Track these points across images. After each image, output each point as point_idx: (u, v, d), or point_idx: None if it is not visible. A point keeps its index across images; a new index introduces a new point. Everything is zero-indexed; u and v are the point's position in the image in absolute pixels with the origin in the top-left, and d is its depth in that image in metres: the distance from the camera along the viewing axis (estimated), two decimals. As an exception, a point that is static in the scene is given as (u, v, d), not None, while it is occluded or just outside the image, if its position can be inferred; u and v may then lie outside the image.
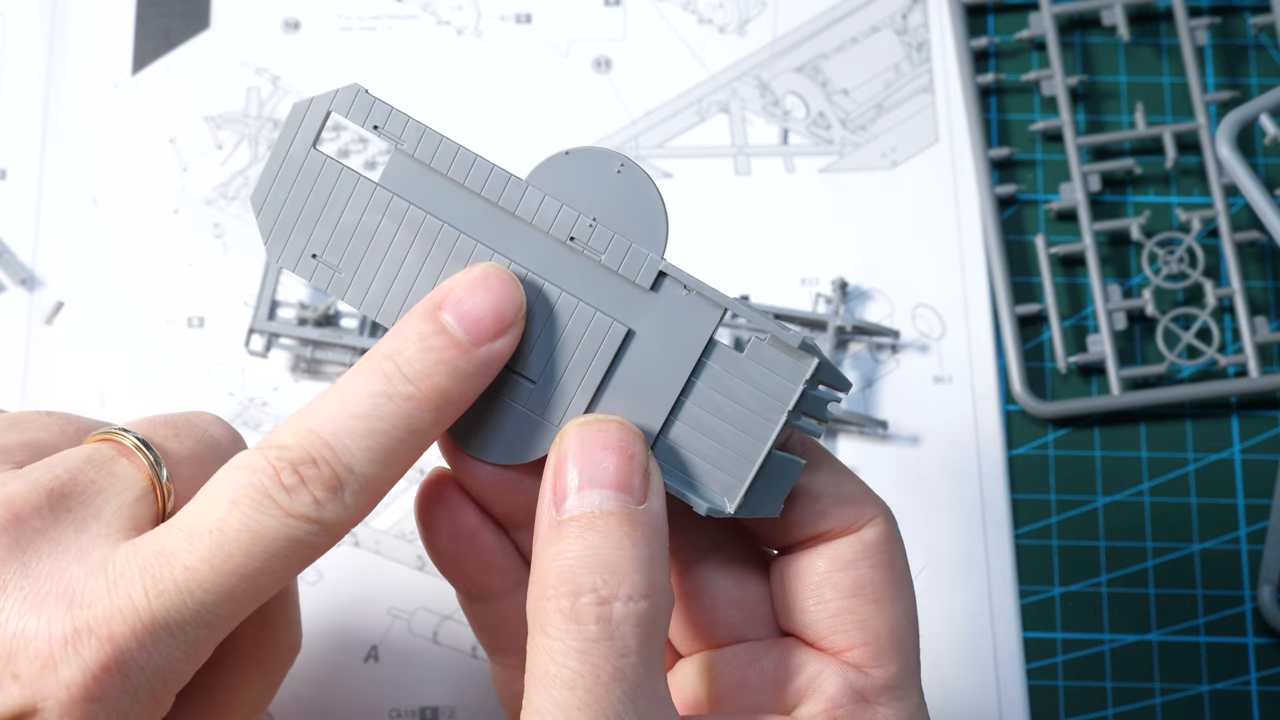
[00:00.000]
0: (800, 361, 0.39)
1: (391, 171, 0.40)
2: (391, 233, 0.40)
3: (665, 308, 0.40)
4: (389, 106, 0.40)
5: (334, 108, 0.40)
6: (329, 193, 0.40)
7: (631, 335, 0.40)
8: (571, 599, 0.37)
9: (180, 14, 0.66)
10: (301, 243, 0.40)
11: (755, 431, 0.40)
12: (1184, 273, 0.63)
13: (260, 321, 0.61)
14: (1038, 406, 0.62)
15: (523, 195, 0.39)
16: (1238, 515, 0.61)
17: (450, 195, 0.40)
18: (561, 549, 0.38)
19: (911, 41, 0.66)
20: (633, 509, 0.38)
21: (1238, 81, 0.66)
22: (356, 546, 0.60)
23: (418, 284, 0.40)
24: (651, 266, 0.39)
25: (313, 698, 0.59)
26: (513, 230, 0.40)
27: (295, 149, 0.40)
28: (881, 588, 0.41)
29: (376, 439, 0.38)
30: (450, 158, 0.40)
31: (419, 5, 0.67)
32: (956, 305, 0.63)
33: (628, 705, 0.37)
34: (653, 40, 0.67)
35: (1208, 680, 0.59)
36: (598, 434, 0.39)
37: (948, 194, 0.65)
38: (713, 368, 0.40)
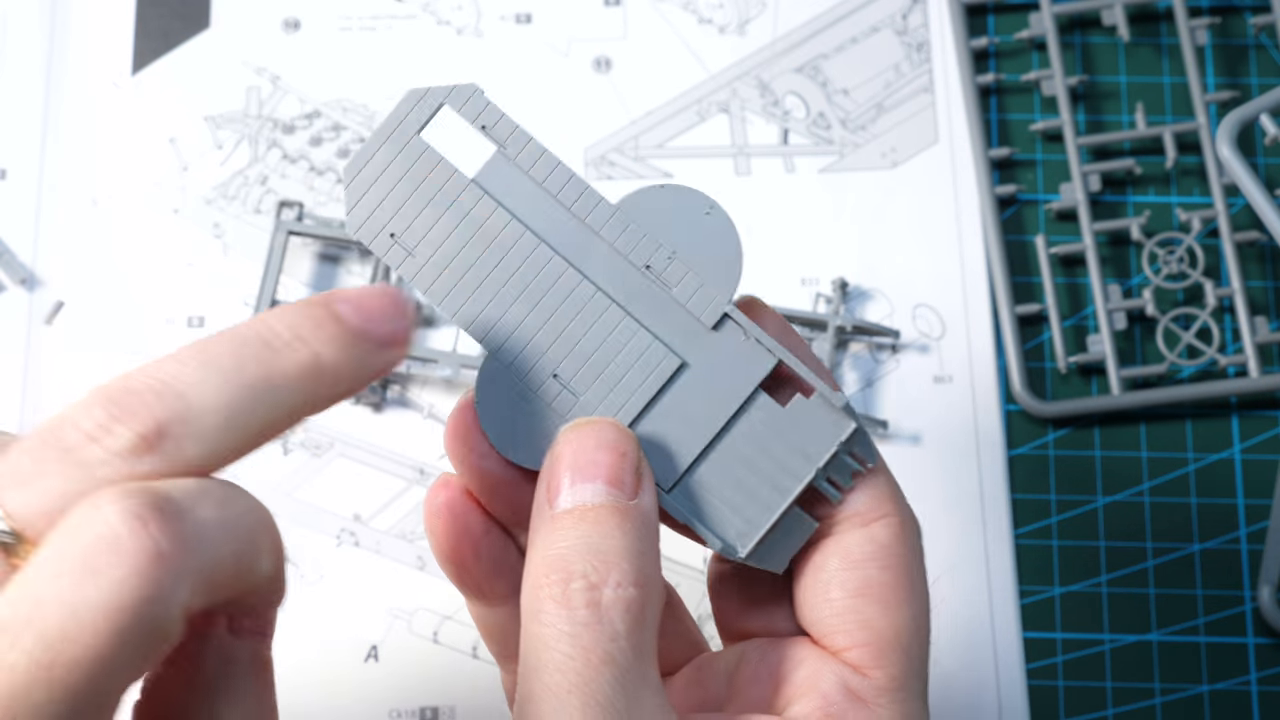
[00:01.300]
0: (838, 423, 0.40)
1: (488, 172, 0.41)
2: (473, 229, 0.41)
3: (721, 348, 0.41)
4: (500, 111, 0.41)
5: (449, 101, 0.41)
6: (422, 179, 0.41)
7: (683, 368, 0.41)
8: (562, 585, 0.38)
9: (180, 14, 0.66)
10: (383, 220, 0.41)
11: (779, 484, 0.41)
12: (1184, 273, 0.63)
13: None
14: (1038, 406, 0.62)
15: (610, 218, 0.40)
16: (1238, 515, 0.61)
17: (539, 205, 0.41)
18: (553, 540, 0.38)
19: (911, 41, 0.67)
20: (624, 503, 0.39)
21: (1238, 81, 0.66)
22: (357, 546, 0.60)
23: (486, 283, 0.41)
24: (718, 308, 0.40)
25: (313, 698, 0.59)
26: (592, 248, 0.41)
27: (401, 131, 0.41)
28: (889, 589, 0.41)
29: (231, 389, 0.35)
30: (549, 170, 0.41)
31: (419, 5, 0.67)
32: (956, 305, 0.63)
33: (617, 689, 0.37)
34: (653, 40, 0.67)
35: (1208, 680, 0.59)
36: (590, 433, 0.40)
37: (948, 194, 0.65)
38: (753, 415, 0.41)
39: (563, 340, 0.41)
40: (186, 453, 0.34)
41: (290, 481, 0.61)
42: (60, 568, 0.32)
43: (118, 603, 0.31)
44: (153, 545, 0.32)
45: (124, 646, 0.32)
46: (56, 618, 0.31)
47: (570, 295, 0.40)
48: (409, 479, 0.61)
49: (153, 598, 0.32)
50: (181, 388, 0.34)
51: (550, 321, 0.41)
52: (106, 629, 0.31)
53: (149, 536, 0.32)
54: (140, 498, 0.32)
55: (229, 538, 0.34)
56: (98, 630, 0.31)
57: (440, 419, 0.62)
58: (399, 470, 0.61)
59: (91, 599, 0.31)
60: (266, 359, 0.35)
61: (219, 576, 0.34)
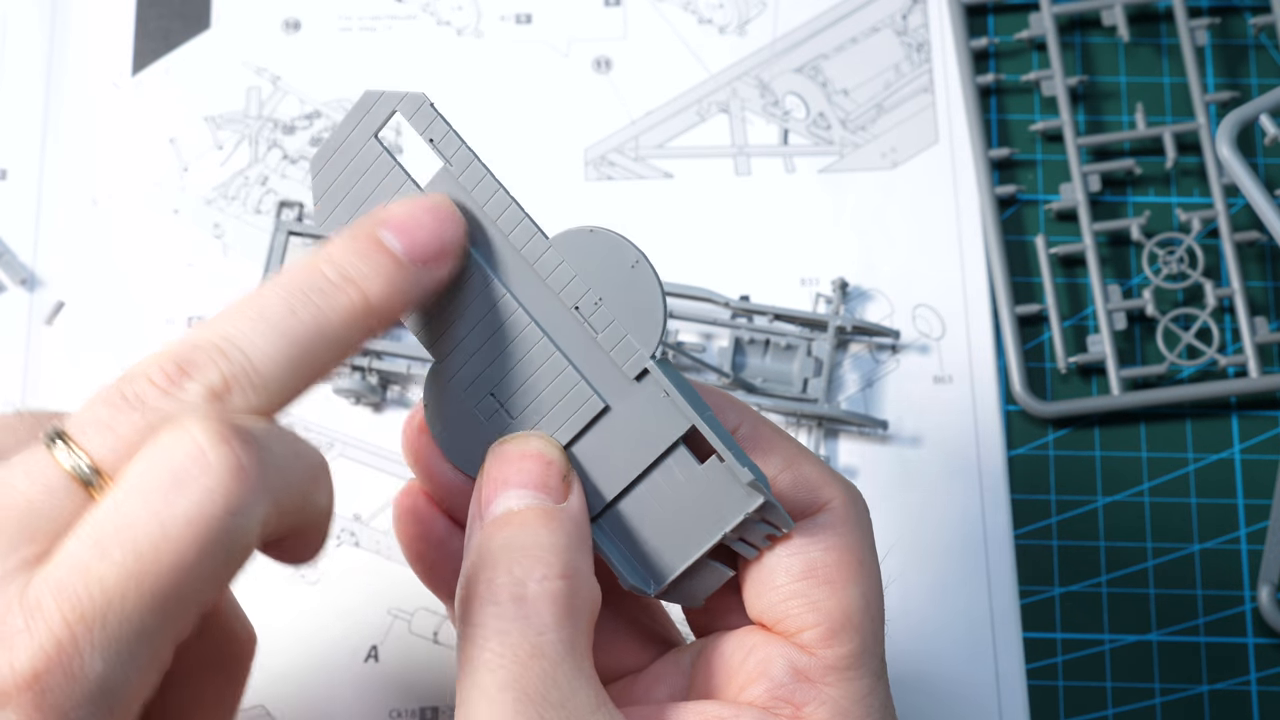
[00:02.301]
0: (748, 496, 0.40)
1: (436, 185, 0.41)
2: None
3: (642, 400, 0.41)
4: (447, 126, 0.41)
5: (399, 109, 0.41)
6: (378, 182, 0.41)
7: (607, 411, 0.41)
8: (488, 583, 0.38)
9: (180, 14, 0.66)
10: (345, 215, 0.41)
11: (693, 537, 0.41)
12: (1184, 273, 0.63)
13: None
14: (1038, 406, 0.62)
15: (544, 253, 0.40)
16: (1238, 515, 0.61)
17: (480, 227, 0.41)
18: (481, 545, 0.39)
19: (911, 42, 0.67)
20: (550, 506, 0.40)
21: (1238, 81, 0.66)
22: (357, 546, 0.60)
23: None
24: (639, 362, 0.40)
25: (313, 698, 0.59)
26: (526, 279, 0.41)
27: (357, 133, 0.41)
28: (834, 570, 0.41)
29: (286, 341, 0.37)
30: (489, 195, 0.41)
31: (419, 5, 0.67)
32: (956, 305, 0.63)
33: (549, 683, 0.37)
34: (653, 40, 0.67)
35: (1208, 680, 0.59)
36: (515, 446, 0.41)
37: (948, 194, 0.65)
38: (670, 467, 0.41)
39: (499, 362, 0.41)
40: (251, 402, 0.36)
41: (290, 481, 0.61)
42: (148, 484, 0.34)
43: (203, 514, 0.34)
44: (235, 461, 0.34)
45: (207, 558, 0.34)
46: (145, 529, 0.33)
47: (507, 321, 0.41)
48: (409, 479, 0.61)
49: (235, 509, 0.34)
50: (242, 343, 0.36)
51: (489, 342, 0.41)
52: (192, 540, 0.33)
53: (232, 453, 0.34)
54: (223, 421, 0.34)
55: (297, 468, 0.36)
56: (184, 541, 0.33)
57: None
58: (399, 470, 0.61)
59: (178, 511, 0.33)
60: (316, 305, 0.37)
61: (287, 502, 0.36)
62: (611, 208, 0.64)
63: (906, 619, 0.59)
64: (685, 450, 0.41)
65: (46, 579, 0.33)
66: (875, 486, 0.61)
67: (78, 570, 0.33)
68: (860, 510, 0.42)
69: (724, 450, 0.40)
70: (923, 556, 0.60)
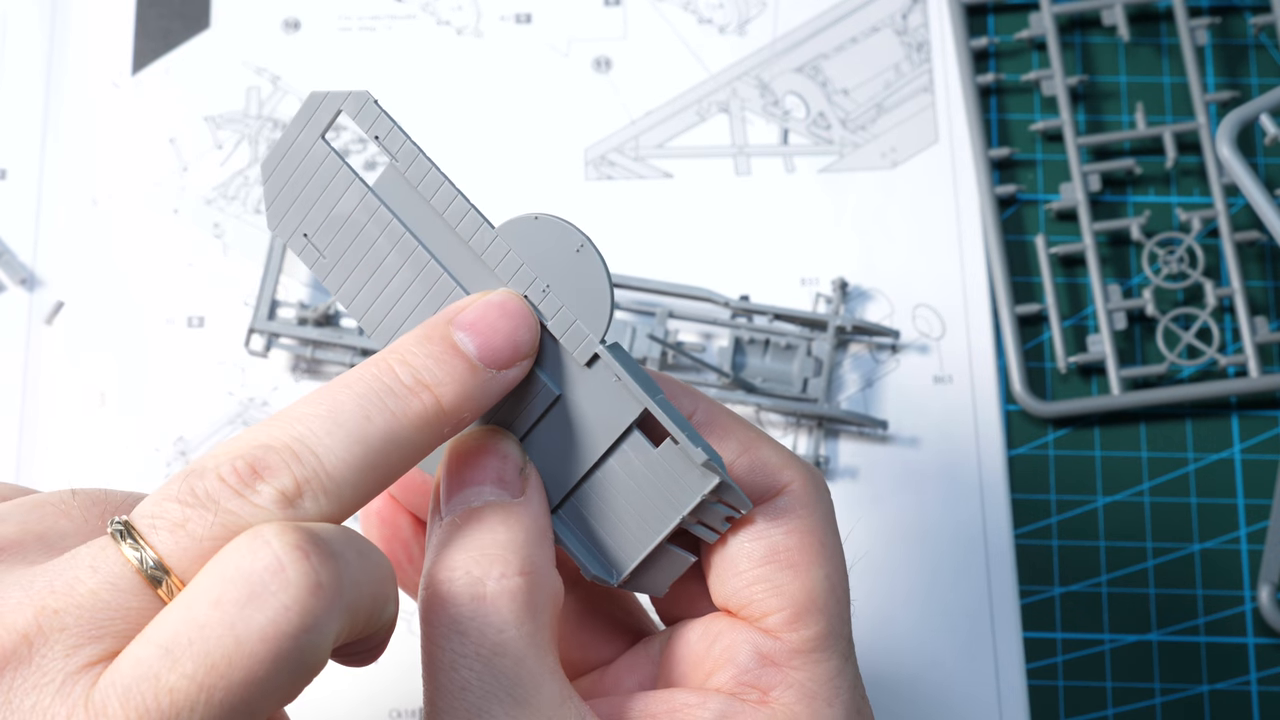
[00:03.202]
0: (703, 477, 0.40)
1: (385, 181, 0.41)
2: (373, 237, 0.41)
3: (595, 386, 0.40)
4: (391, 122, 0.40)
5: (344, 108, 0.40)
6: (327, 183, 0.41)
7: (559, 400, 0.41)
8: (447, 583, 0.38)
9: (180, 14, 0.66)
10: (296, 220, 0.41)
11: (651, 522, 0.41)
12: (1184, 273, 0.63)
13: (260, 321, 0.61)
14: (1038, 406, 0.62)
15: (490, 243, 0.40)
16: (1238, 515, 0.61)
17: (429, 221, 0.41)
18: (439, 544, 0.39)
19: (911, 41, 0.67)
20: (508, 501, 0.40)
21: (1238, 81, 0.66)
22: (356, 546, 0.60)
23: (388, 289, 0.41)
24: (589, 347, 0.40)
25: (313, 698, 0.59)
26: (475, 270, 0.41)
27: (305, 136, 0.41)
28: (796, 553, 0.41)
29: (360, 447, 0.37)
30: (434, 189, 0.41)
31: (419, 5, 0.67)
32: (956, 305, 0.63)
33: (513, 681, 0.37)
34: (653, 40, 0.67)
35: (1208, 680, 0.59)
36: (470, 442, 0.40)
37: (948, 194, 0.65)
38: (626, 452, 0.41)
39: None
40: (322, 507, 0.36)
41: (290, 481, 0.61)
42: (222, 594, 0.33)
43: (279, 631, 0.33)
44: (314, 576, 0.33)
45: (281, 673, 0.33)
46: (219, 641, 0.33)
47: None
48: (409, 479, 0.61)
49: (311, 627, 0.33)
50: (316, 447, 0.36)
51: None
52: (266, 656, 0.33)
53: (311, 569, 0.33)
54: (302, 533, 0.34)
55: (369, 580, 0.36)
56: (258, 657, 0.33)
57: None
58: (399, 470, 0.61)
59: (254, 626, 0.33)
60: (390, 410, 0.37)
61: (359, 616, 0.35)
62: (611, 208, 0.64)
63: (906, 619, 0.59)
64: (640, 435, 0.41)
65: (114, 684, 0.33)
66: (875, 486, 0.61)
67: (148, 678, 0.33)
68: (820, 491, 0.42)
69: (677, 432, 0.40)
70: (922, 556, 0.60)
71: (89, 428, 0.61)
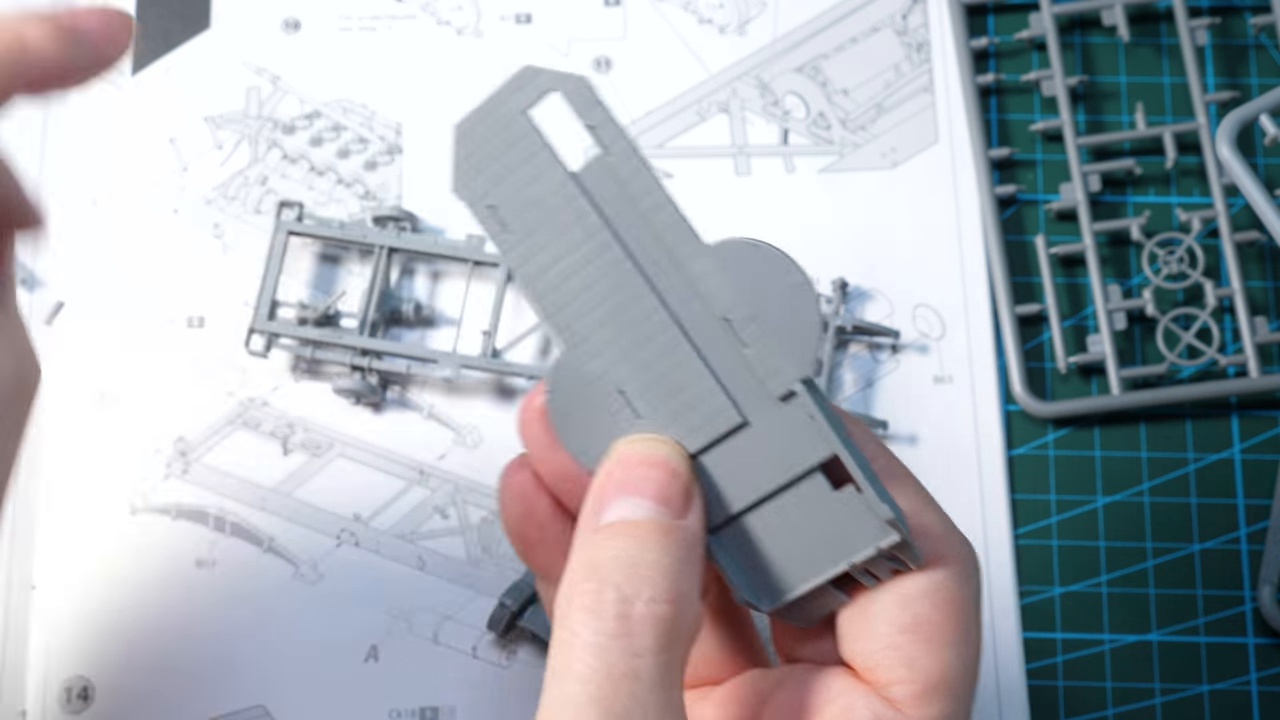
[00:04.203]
0: (882, 531, 0.39)
1: (589, 171, 0.40)
2: (567, 224, 0.39)
3: (783, 421, 0.39)
4: (608, 114, 0.39)
5: (561, 88, 0.39)
6: (525, 160, 0.40)
7: (743, 426, 0.40)
8: (594, 595, 0.37)
9: (180, 14, 0.66)
10: (484, 189, 0.40)
11: (818, 561, 0.40)
12: (1184, 273, 0.63)
13: (260, 321, 0.61)
14: (1038, 406, 0.62)
15: (698, 257, 0.39)
16: (1238, 515, 0.61)
17: (632, 221, 0.39)
18: (595, 553, 0.38)
19: (911, 41, 0.67)
20: (668, 521, 0.38)
21: (1238, 81, 0.66)
22: (357, 546, 0.60)
23: (571, 280, 0.40)
24: (786, 383, 0.39)
25: (313, 698, 0.59)
26: (675, 281, 0.39)
27: (510, 106, 0.40)
28: (940, 629, 0.40)
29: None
30: (646, 189, 0.39)
31: (419, 5, 0.67)
32: (956, 305, 0.63)
33: (636, 707, 0.37)
34: (653, 40, 0.67)
35: (1208, 680, 0.59)
36: (641, 449, 0.39)
37: (948, 194, 0.65)
38: (803, 490, 0.40)
39: (633, 360, 0.40)
40: None
41: (290, 481, 0.61)
42: None
43: None
44: None
45: None
46: None
47: (647, 319, 0.39)
48: (409, 479, 0.61)
49: None
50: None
51: (625, 338, 0.40)
52: None
53: None
54: None
55: None
56: None
57: (441, 419, 0.62)
58: (399, 470, 0.61)
59: None
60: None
61: None
62: (611, 208, 0.64)
63: (906, 619, 0.59)
64: (821, 475, 0.39)
65: None
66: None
67: None
68: (975, 569, 0.41)
69: (865, 484, 0.39)
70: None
71: (89, 428, 0.61)
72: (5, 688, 0.58)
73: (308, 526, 0.60)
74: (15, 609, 0.59)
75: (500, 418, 0.62)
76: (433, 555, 0.60)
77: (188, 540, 0.60)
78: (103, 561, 0.60)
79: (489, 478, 0.61)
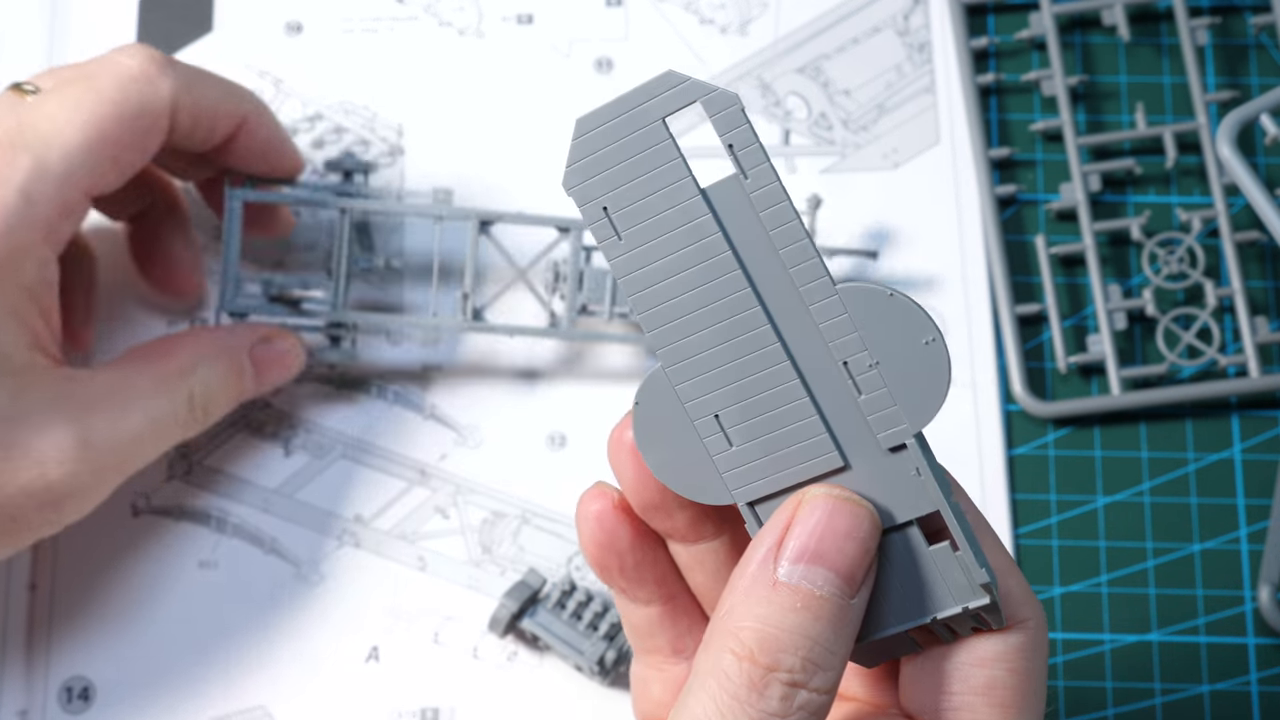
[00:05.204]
0: (973, 591, 0.39)
1: (720, 190, 0.39)
2: (687, 241, 0.38)
3: (888, 472, 0.39)
4: (754, 137, 0.38)
5: (704, 101, 0.38)
6: (652, 168, 0.38)
7: (843, 470, 0.39)
8: (765, 670, 0.37)
9: (182, 17, 0.67)
10: (601, 190, 0.39)
11: (901, 609, 0.39)
12: (1184, 273, 0.63)
13: (229, 300, 0.59)
14: (1038, 406, 0.62)
15: (825, 298, 0.38)
16: (1238, 515, 0.61)
17: (759, 247, 0.38)
18: (770, 613, 0.37)
19: (913, 42, 0.67)
20: (847, 602, 0.38)
21: (1238, 81, 0.66)
22: (357, 547, 0.60)
23: (681, 298, 0.39)
24: (900, 436, 0.38)
25: (313, 698, 0.59)
26: (796, 316, 0.39)
27: (643, 111, 0.38)
28: (1012, 693, 0.40)
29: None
30: (781, 220, 0.38)
31: (421, 7, 0.67)
32: (957, 305, 0.63)
33: None
34: (654, 41, 0.67)
35: (1208, 680, 0.59)
36: (849, 515, 0.38)
37: (948, 194, 0.65)
38: (896, 541, 0.39)
39: (736, 387, 0.39)
40: None
41: (292, 483, 0.61)
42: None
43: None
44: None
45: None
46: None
47: (759, 349, 0.39)
48: (409, 480, 0.61)
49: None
50: None
51: (731, 364, 0.39)
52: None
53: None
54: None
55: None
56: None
57: (441, 419, 0.62)
58: (399, 471, 0.61)
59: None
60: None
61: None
62: (612, 209, 0.64)
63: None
64: (916, 527, 0.39)
65: None
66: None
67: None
68: (1046, 636, 0.41)
69: (964, 545, 0.38)
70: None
71: (91, 429, 0.62)
72: (5, 688, 0.59)
73: (309, 527, 0.61)
74: (15, 609, 0.59)
75: (501, 417, 0.62)
76: (433, 555, 0.60)
77: (190, 541, 0.60)
78: (104, 562, 0.60)
79: (490, 478, 0.61)
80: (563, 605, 0.58)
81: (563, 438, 0.62)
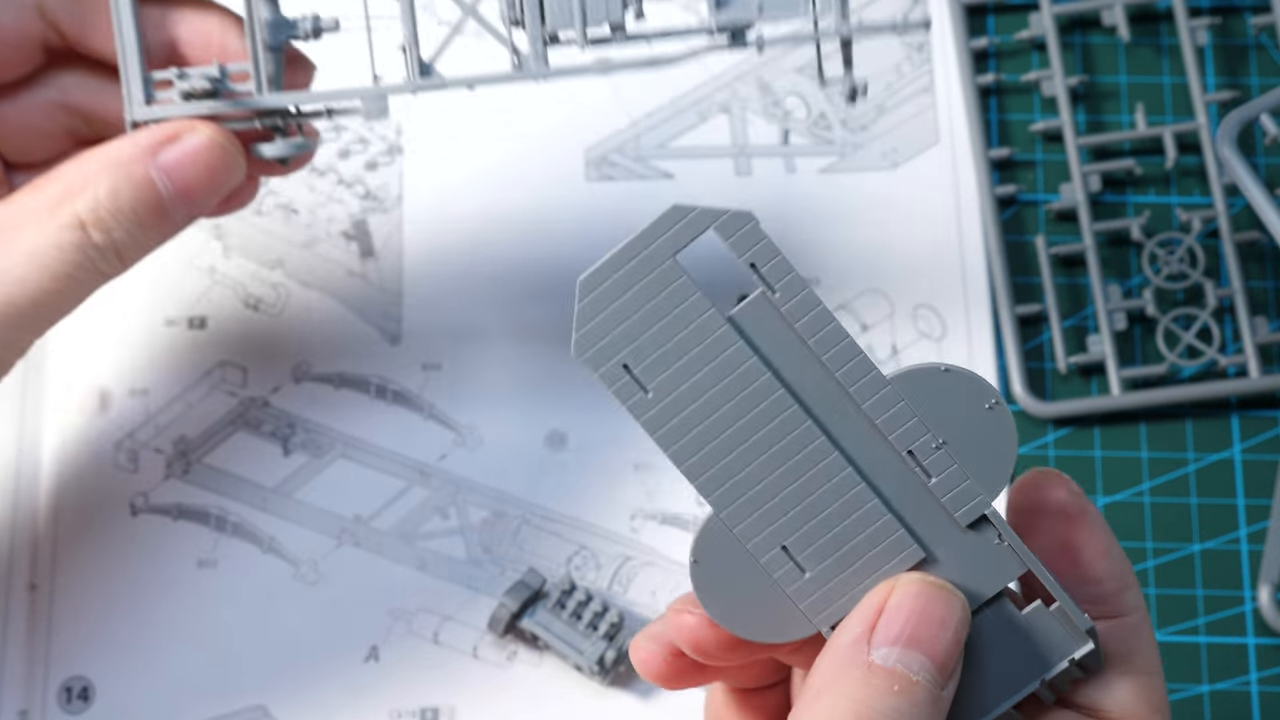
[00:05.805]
0: (1076, 640, 0.38)
1: (746, 312, 0.37)
2: (720, 376, 0.37)
3: (970, 548, 0.38)
4: (776, 249, 0.37)
5: (718, 228, 0.37)
6: (671, 310, 0.37)
7: (925, 562, 0.38)
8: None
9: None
10: (618, 348, 0.37)
11: (1002, 685, 0.39)
12: (1184, 273, 0.63)
13: (138, 109, 0.51)
14: (1038, 406, 0.62)
15: (878, 392, 0.37)
16: (1238, 515, 0.61)
17: (799, 359, 0.37)
18: (868, 696, 0.37)
19: (912, 42, 0.67)
20: (939, 691, 0.37)
21: (1238, 81, 0.66)
22: (357, 546, 0.60)
23: (726, 436, 0.38)
24: (976, 509, 0.38)
25: (313, 698, 0.59)
26: (849, 417, 0.38)
27: (656, 250, 0.37)
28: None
29: None
30: (820, 326, 0.37)
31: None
32: (956, 305, 0.63)
33: None
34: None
35: (1208, 680, 0.59)
36: (945, 604, 0.38)
37: (948, 194, 0.65)
38: (989, 615, 0.39)
39: (800, 511, 0.38)
40: None
41: (291, 482, 0.61)
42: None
43: None
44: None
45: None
46: None
47: (816, 464, 0.37)
48: (409, 479, 0.61)
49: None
50: None
51: (790, 489, 0.38)
52: None
53: None
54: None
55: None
56: None
57: (442, 419, 0.62)
58: (399, 470, 0.61)
59: None
60: None
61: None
62: (612, 208, 0.64)
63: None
64: (1008, 602, 0.38)
65: None
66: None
67: None
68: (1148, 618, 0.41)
69: (1060, 594, 0.38)
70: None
71: (89, 428, 0.61)
72: (5, 688, 0.58)
73: (308, 527, 0.61)
74: (15, 609, 0.59)
75: (500, 417, 0.62)
76: (433, 555, 0.60)
77: (188, 540, 0.60)
78: (103, 561, 0.60)
79: (489, 478, 0.61)
80: (562, 605, 0.58)
81: (563, 438, 0.62)
